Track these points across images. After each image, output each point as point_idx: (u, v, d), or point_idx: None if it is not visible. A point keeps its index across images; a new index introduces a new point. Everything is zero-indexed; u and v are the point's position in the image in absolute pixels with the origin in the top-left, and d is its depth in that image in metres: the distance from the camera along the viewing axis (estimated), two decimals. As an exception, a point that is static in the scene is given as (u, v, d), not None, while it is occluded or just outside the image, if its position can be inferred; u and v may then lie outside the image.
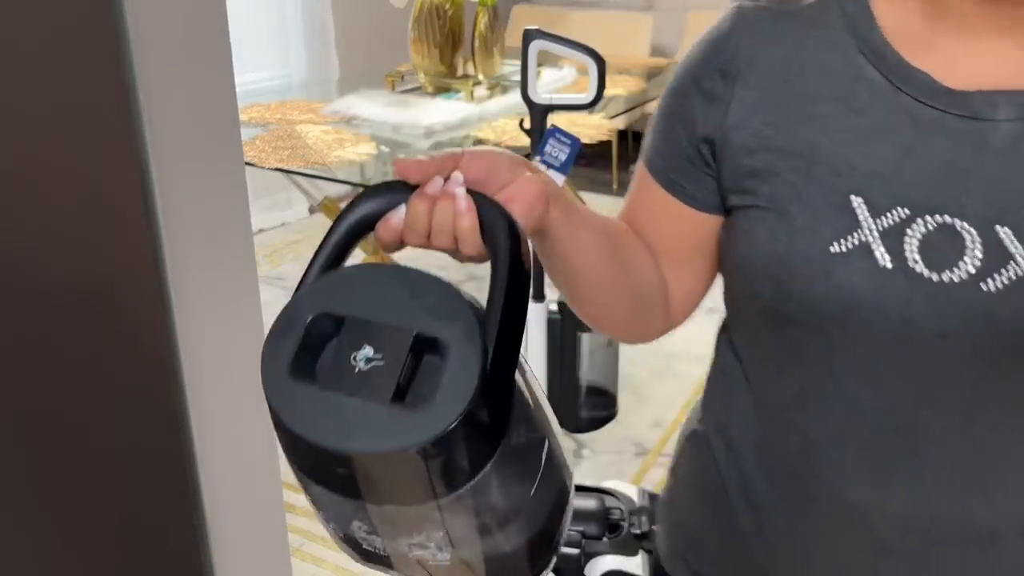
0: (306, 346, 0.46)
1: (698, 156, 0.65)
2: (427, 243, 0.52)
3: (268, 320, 1.00)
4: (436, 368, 0.44)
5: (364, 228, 0.52)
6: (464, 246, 0.51)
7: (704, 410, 0.75)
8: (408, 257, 0.51)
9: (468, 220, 0.50)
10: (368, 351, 0.44)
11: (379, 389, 0.43)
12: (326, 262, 0.51)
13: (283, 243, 3.67)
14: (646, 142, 0.70)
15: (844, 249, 0.57)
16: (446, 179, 0.51)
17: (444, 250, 0.52)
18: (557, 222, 0.57)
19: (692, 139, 0.65)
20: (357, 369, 0.44)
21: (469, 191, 0.51)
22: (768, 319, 0.63)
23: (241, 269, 0.91)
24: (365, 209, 0.52)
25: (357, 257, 0.53)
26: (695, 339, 3.52)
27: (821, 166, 0.59)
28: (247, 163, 1.94)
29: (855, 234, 0.57)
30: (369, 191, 0.52)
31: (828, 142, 0.59)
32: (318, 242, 0.51)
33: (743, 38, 0.64)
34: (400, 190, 0.51)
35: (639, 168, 0.70)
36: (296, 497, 2.17)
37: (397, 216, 0.51)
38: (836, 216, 0.58)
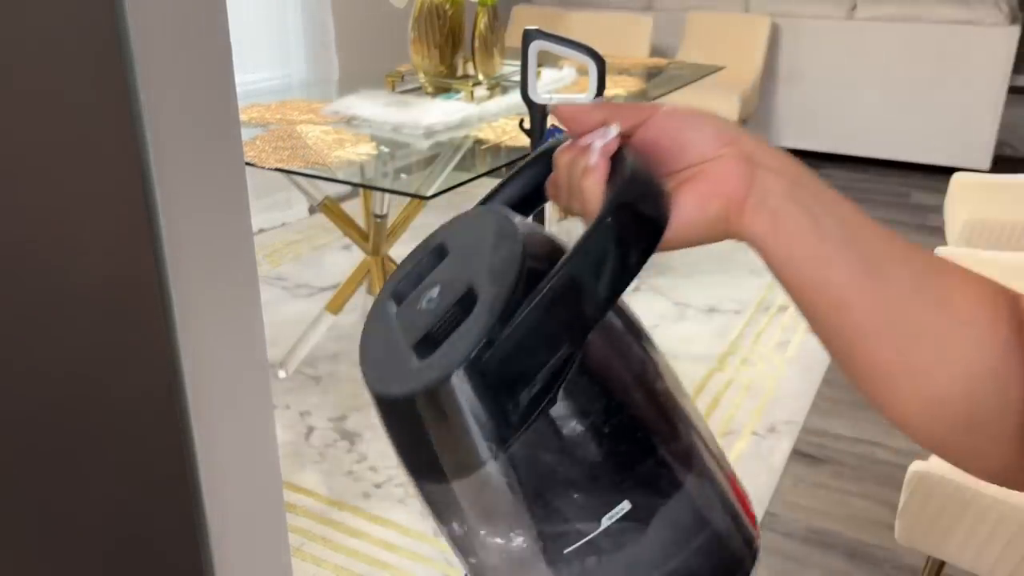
0: (416, 271, 0.44)
1: None
2: (567, 201, 0.44)
3: (268, 320, 1.00)
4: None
5: (541, 180, 0.47)
6: (585, 213, 0.42)
7: None
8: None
9: (590, 180, 0.41)
10: (435, 291, 0.42)
11: (414, 330, 0.41)
12: (500, 199, 0.47)
13: (283, 243, 3.66)
14: None
15: None
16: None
17: (579, 216, 0.43)
18: (759, 238, 0.41)
19: None
20: (420, 306, 0.42)
21: (624, 154, 0.41)
22: None
23: (241, 269, 0.91)
24: (540, 162, 0.47)
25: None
26: (695, 339, 3.53)
27: None
28: (247, 163, 1.94)
29: None
30: (554, 142, 0.46)
31: None
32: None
33: None
34: None
35: None
36: (296, 497, 2.17)
37: None
38: None
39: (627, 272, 0.39)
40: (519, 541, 0.40)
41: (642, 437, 0.39)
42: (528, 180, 0.47)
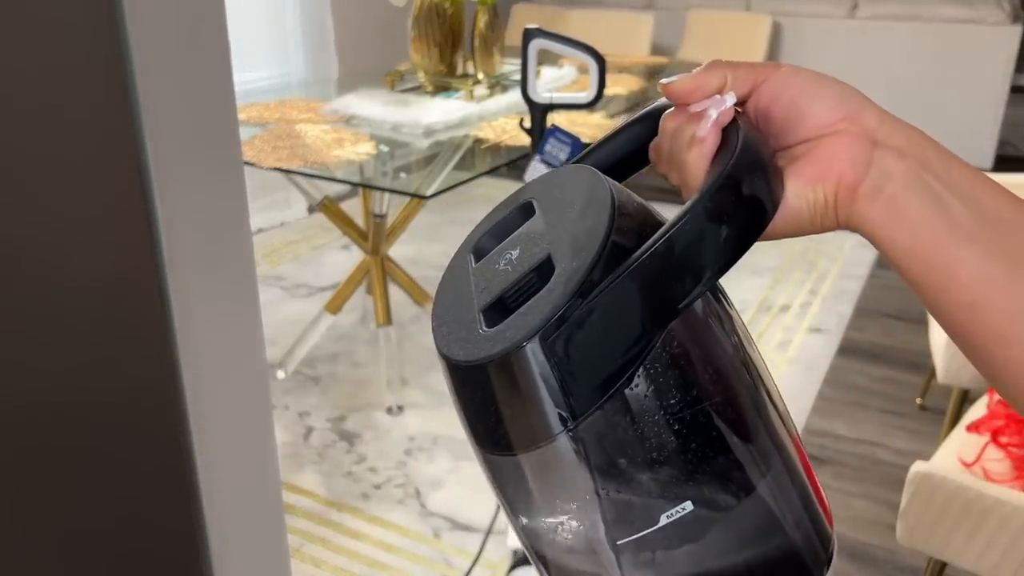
0: (500, 226, 0.42)
1: None
2: (667, 170, 0.40)
3: (267, 320, 0.99)
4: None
5: (643, 143, 0.44)
6: (685, 187, 0.38)
7: None
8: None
9: (696, 152, 0.37)
10: (515, 254, 0.39)
11: (485, 292, 0.38)
12: (595, 160, 0.44)
13: (282, 243, 3.66)
14: None
15: None
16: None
17: (676, 188, 0.40)
18: (874, 229, 0.36)
19: None
20: (498, 265, 0.39)
21: (739, 127, 0.37)
22: None
23: (240, 269, 0.90)
24: (640, 126, 0.43)
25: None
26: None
27: None
28: (246, 163, 1.94)
29: None
30: (664, 103, 0.43)
31: None
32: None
33: None
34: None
35: None
36: (296, 498, 2.17)
37: None
38: None
39: (724, 261, 0.35)
40: (580, 520, 0.37)
41: (718, 437, 0.36)
42: (632, 138, 0.44)
